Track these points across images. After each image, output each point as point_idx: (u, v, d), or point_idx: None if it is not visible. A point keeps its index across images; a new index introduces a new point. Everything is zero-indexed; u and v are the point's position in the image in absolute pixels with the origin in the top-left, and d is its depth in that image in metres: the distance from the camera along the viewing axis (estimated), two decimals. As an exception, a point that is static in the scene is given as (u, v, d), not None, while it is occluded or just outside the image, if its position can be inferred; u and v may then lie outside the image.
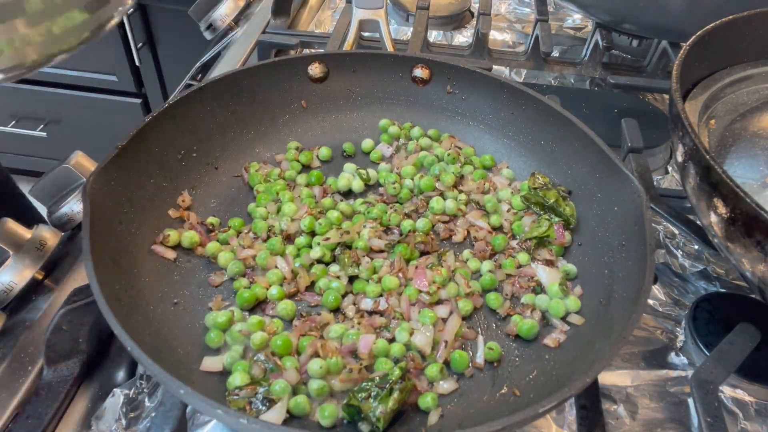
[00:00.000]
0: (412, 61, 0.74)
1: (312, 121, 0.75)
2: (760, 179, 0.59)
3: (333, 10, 1.17)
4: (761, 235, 0.46)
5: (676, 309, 0.65)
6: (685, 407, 0.56)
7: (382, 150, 0.73)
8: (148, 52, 1.79)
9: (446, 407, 0.50)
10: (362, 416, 0.47)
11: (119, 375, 0.58)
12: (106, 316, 0.44)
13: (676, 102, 0.57)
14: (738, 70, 0.70)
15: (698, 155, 0.51)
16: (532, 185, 0.66)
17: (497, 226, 0.65)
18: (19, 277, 0.59)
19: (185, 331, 0.54)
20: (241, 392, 0.48)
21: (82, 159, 0.67)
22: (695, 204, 0.54)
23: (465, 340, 0.55)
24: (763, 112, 0.67)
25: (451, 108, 0.75)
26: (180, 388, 0.41)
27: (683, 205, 0.70)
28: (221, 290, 0.59)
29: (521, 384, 0.52)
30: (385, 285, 0.58)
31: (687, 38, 0.65)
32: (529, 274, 0.60)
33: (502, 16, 1.16)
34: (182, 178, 0.64)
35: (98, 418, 0.53)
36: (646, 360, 0.60)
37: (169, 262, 0.59)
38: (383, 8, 0.87)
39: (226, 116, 0.69)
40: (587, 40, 1.01)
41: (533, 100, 0.68)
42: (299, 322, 0.55)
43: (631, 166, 0.72)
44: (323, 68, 0.74)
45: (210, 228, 0.63)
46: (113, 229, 0.55)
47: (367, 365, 0.51)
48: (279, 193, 0.66)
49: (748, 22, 0.68)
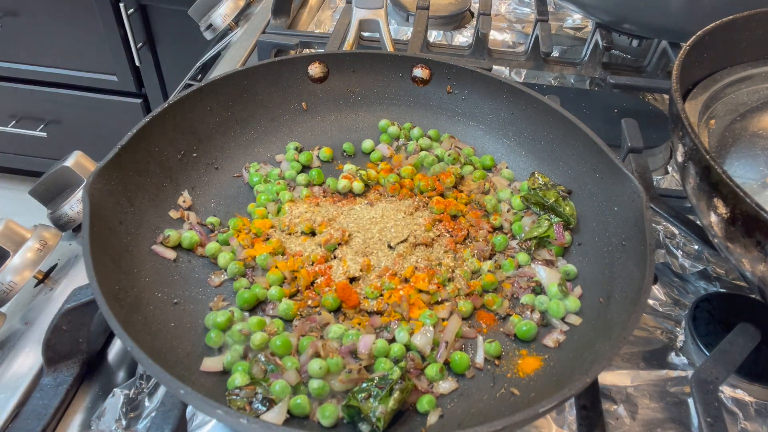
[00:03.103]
0: (412, 61, 0.74)
1: (312, 121, 0.75)
2: (760, 179, 0.59)
3: (333, 10, 1.17)
4: (761, 235, 0.46)
5: (676, 309, 0.65)
6: (685, 407, 0.56)
7: (382, 150, 0.73)
8: (148, 52, 1.79)
9: (446, 407, 0.50)
10: (362, 416, 0.47)
11: (119, 375, 0.58)
12: (106, 316, 0.44)
13: (676, 102, 0.57)
14: (738, 70, 0.70)
15: (698, 155, 0.51)
16: (532, 185, 0.66)
17: (497, 226, 0.65)
18: (19, 277, 0.59)
19: (185, 331, 0.54)
20: (241, 392, 0.48)
21: (82, 159, 0.67)
22: (695, 204, 0.54)
23: (465, 339, 0.55)
24: (763, 112, 0.67)
25: (451, 108, 0.75)
26: (180, 388, 0.41)
27: (683, 205, 0.70)
28: (221, 290, 0.59)
29: (521, 384, 0.52)
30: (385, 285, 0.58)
31: (687, 38, 0.65)
32: (528, 275, 0.60)
33: (502, 16, 1.16)
34: (182, 178, 0.64)
35: (98, 418, 0.53)
36: (646, 360, 0.60)
37: (169, 262, 0.59)
38: (383, 8, 0.87)
39: (226, 116, 0.69)
40: (587, 40, 1.01)
41: (533, 100, 0.68)
42: (299, 322, 0.55)
43: (631, 166, 0.72)
44: (323, 68, 0.74)
45: (210, 228, 0.63)
46: (113, 229, 0.55)
47: (367, 365, 0.51)
48: (279, 193, 0.66)
49: (748, 22, 0.68)
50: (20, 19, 1.76)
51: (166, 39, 1.78)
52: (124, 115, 1.92)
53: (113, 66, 1.82)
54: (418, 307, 0.56)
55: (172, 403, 0.47)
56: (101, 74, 1.85)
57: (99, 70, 1.85)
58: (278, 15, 1.04)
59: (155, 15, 1.73)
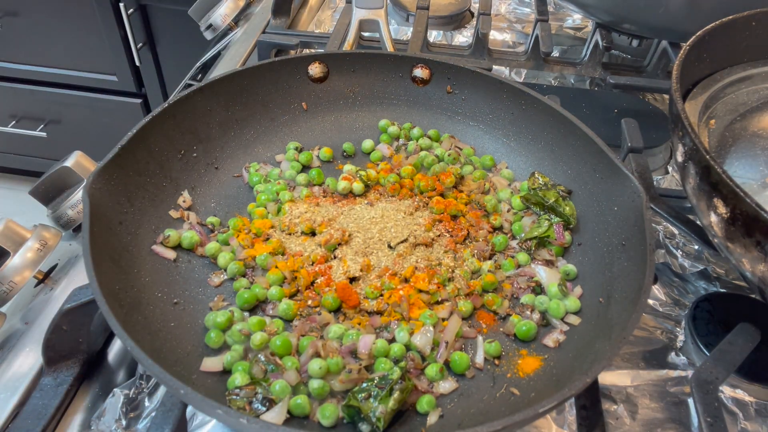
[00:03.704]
0: (412, 61, 0.74)
1: (312, 121, 0.75)
2: (760, 179, 0.59)
3: (333, 10, 1.17)
4: (761, 235, 0.46)
5: (676, 309, 0.65)
6: (685, 407, 0.56)
7: (382, 150, 0.73)
8: (148, 52, 1.79)
9: (446, 407, 0.50)
10: (362, 416, 0.47)
11: (119, 375, 0.58)
12: (106, 316, 0.44)
13: (676, 102, 0.57)
14: (738, 70, 0.70)
15: (698, 155, 0.51)
16: (532, 185, 0.66)
17: (497, 226, 0.65)
18: (19, 277, 0.59)
19: (185, 331, 0.54)
20: (241, 392, 0.48)
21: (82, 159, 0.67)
22: (695, 204, 0.54)
23: (465, 339, 0.55)
24: (763, 112, 0.67)
25: (451, 108, 0.75)
26: (180, 388, 0.41)
27: (683, 205, 0.70)
28: (221, 290, 0.59)
29: (521, 384, 0.52)
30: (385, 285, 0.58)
31: (687, 38, 0.65)
32: (528, 275, 0.60)
33: (502, 16, 1.16)
34: (182, 178, 0.64)
35: (98, 418, 0.53)
36: (646, 360, 0.60)
37: (169, 262, 0.59)
38: (383, 8, 0.87)
39: (226, 116, 0.69)
40: (587, 40, 1.01)
41: (533, 100, 0.68)
42: (299, 322, 0.55)
43: (631, 166, 0.72)
44: (323, 68, 0.74)
45: (210, 228, 0.63)
46: (113, 229, 0.55)
47: (367, 365, 0.51)
48: (279, 193, 0.66)
49: (748, 22, 0.68)
50: (20, 19, 1.76)
51: (166, 39, 1.78)
52: (124, 115, 1.92)
53: (113, 66, 1.82)
54: (418, 307, 0.56)
55: (172, 403, 0.47)
56: (101, 74, 1.85)
57: (99, 70, 1.85)
58: (278, 15, 1.04)
59: (155, 15, 1.73)
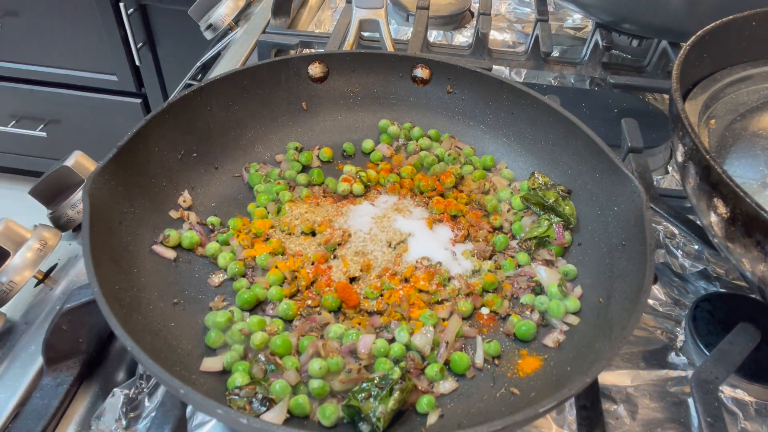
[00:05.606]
0: (412, 61, 0.74)
1: (312, 121, 0.75)
2: (760, 179, 0.59)
3: (333, 10, 1.17)
4: (761, 235, 0.46)
5: (676, 309, 0.65)
6: (685, 407, 0.56)
7: (382, 150, 0.73)
8: (148, 52, 1.79)
9: (446, 407, 0.50)
10: (362, 416, 0.47)
11: (119, 375, 0.58)
12: (106, 316, 0.44)
13: (676, 102, 0.57)
14: (738, 70, 0.70)
15: (698, 155, 0.51)
16: (532, 185, 0.66)
17: (497, 226, 0.65)
18: (19, 277, 0.59)
19: (185, 331, 0.54)
20: (241, 392, 0.48)
21: (82, 159, 0.67)
22: (695, 204, 0.54)
23: (465, 339, 0.55)
24: (763, 112, 0.67)
25: (451, 108, 0.75)
26: (180, 388, 0.41)
27: (683, 205, 0.70)
28: (221, 290, 0.59)
29: (521, 384, 0.52)
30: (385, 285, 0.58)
31: (687, 38, 0.65)
32: (528, 275, 0.60)
33: (502, 16, 1.16)
34: (182, 178, 0.64)
35: (98, 418, 0.53)
36: (646, 360, 0.60)
37: (169, 262, 0.59)
38: (383, 8, 0.87)
39: (226, 116, 0.69)
40: (587, 40, 1.01)
41: (533, 100, 0.68)
42: (299, 322, 0.55)
43: (631, 166, 0.72)
44: (323, 68, 0.74)
45: (210, 228, 0.63)
46: (113, 229, 0.55)
47: (367, 365, 0.51)
48: (279, 193, 0.66)
49: (748, 22, 0.68)
50: (20, 19, 1.76)
51: (166, 39, 1.78)
52: (124, 115, 1.92)
53: (113, 66, 1.82)
54: (418, 307, 0.56)
55: (172, 403, 0.47)
56: (101, 74, 1.85)
57: (99, 69, 1.85)
58: (278, 15, 1.04)
59: (155, 15, 1.73)
